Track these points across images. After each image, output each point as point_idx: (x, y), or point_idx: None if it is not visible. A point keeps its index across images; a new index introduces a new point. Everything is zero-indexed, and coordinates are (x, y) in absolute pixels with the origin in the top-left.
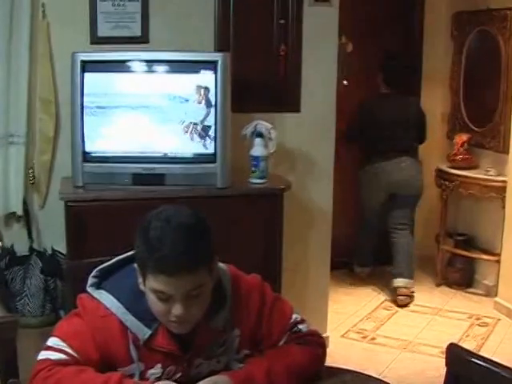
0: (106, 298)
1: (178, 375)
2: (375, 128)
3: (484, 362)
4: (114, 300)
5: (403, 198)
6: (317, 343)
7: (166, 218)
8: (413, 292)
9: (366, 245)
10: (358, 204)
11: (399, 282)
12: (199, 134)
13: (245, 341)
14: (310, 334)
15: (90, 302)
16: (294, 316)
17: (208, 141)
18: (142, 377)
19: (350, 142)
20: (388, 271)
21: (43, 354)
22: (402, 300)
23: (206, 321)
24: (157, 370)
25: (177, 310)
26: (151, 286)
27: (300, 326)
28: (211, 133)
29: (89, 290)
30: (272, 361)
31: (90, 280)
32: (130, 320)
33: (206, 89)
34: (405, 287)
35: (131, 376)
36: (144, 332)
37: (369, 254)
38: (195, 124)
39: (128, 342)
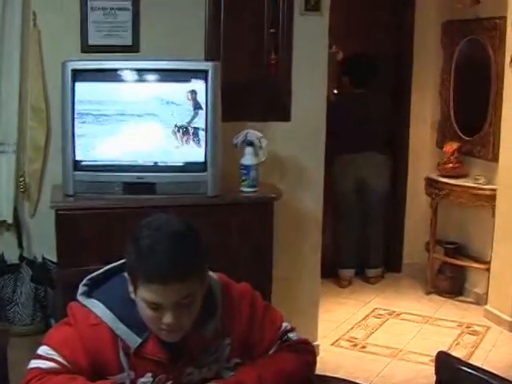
0: (96, 307)
1: (169, 383)
2: (343, 124)
3: (473, 370)
4: (105, 309)
5: (370, 193)
6: (307, 351)
7: (156, 227)
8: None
9: (347, 243)
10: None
11: (371, 272)
12: (190, 141)
13: (235, 349)
14: (300, 342)
15: (81, 311)
16: (284, 324)
17: (199, 149)
18: None
19: None
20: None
21: (34, 363)
22: (373, 282)
23: (196, 329)
24: (147, 378)
25: (167, 318)
26: (142, 295)
27: (290, 335)
28: (202, 140)
29: (79, 298)
30: (263, 368)
31: (81, 289)
32: (120, 328)
33: (194, 92)
34: (375, 276)
35: None
36: (135, 340)
37: (351, 254)
38: (185, 131)
39: (118, 350)
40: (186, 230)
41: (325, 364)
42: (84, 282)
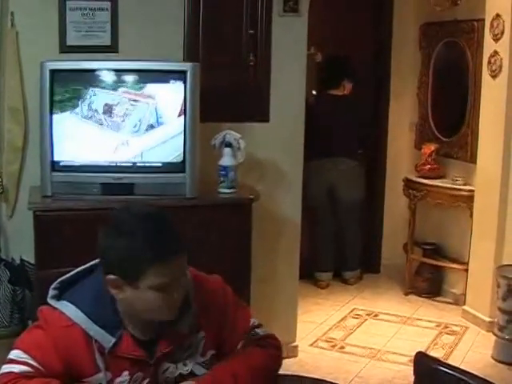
0: (68, 308)
1: (146, 381)
2: (317, 126)
3: (450, 369)
4: (77, 310)
5: (343, 199)
6: (274, 346)
7: (136, 214)
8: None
9: (324, 247)
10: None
11: (349, 274)
12: (169, 142)
13: (210, 342)
14: (267, 337)
15: (52, 313)
16: (252, 320)
17: (177, 150)
18: None
19: None
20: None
21: (6, 368)
22: (351, 282)
23: (171, 325)
24: (124, 377)
25: (175, 294)
26: (150, 282)
27: (257, 330)
28: (180, 141)
29: (50, 301)
30: (236, 365)
31: (51, 292)
32: (93, 329)
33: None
34: (353, 277)
35: None
36: (108, 340)
37: (328, 257)
38: (164, 131)
39: (93, 351)
40: (159, 210)
41: (303, 365)
42: (54, 285)
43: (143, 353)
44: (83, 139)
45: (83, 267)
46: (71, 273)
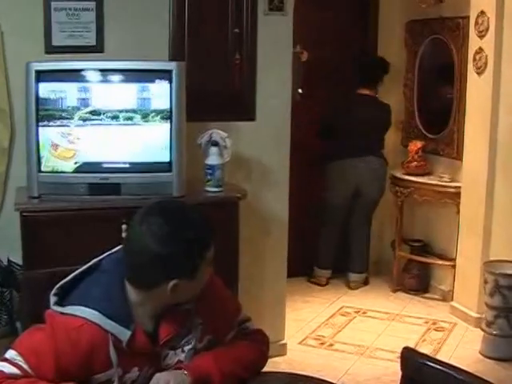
0: (79, 310)
1: (151, 371)
2: (349, 127)
3: (436, 364)
4: (89, 309)
5: (366, 198)
6: (263, 342)
7: (166, 211)
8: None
9: (327, 245)
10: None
11: (354, 276)
12: (155, 141)
13: (206, 328)
14: (257, 332)
15: (60, 318)
16: (243, 313)
17: (164, 149)
18: (120, 382)
19: (323, 140)
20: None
21: None
22: (354, 287)
23: (170, 312)
24: (134, 373)
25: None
26: (204, 268)
27: (247, 324)
28: (167, 140)
29: (55, 309)
30: (224, 356)
31: (53, 298)
32: (109, 324)
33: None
34: (358, 281)
35: (109, 382)
36: (124, 333)
37: (329, 255)
38: (150, 131)
39: (108, 347)
40: (179, 202)
41: (292, 363)
42: (54, 291)
43: (152, 346)
44: (69, 140)
45: (80, 270)
46: (69, 277)
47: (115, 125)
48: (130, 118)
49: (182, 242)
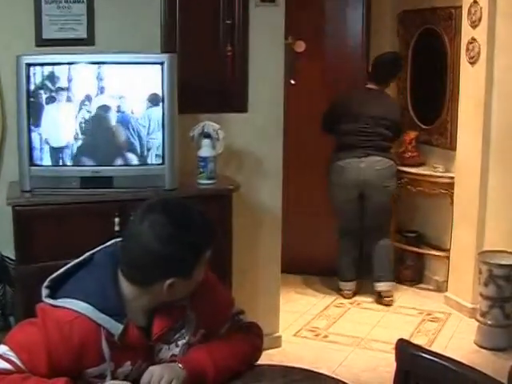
0: (71, 303)
1: (144, 365)
2: (350, 121)
3: (430, 355)
4: (81, 302)
5: (372, 202)
6: (257, 334)
7: (168, 211)
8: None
9: (347, 256)
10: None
11: (381, 286)
12: (147, 134)
13: (200, 322)
14: (251, 325)
15: (53, 311)
16: (236, 306)
17: (155, 141)
18: (112, 376)
19: (325, 132)
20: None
21: None
22: (387, 301)
23: (165, 306)
24: (127, 367)
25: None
26: (201, 267)
27: (241, 317)
28: (159, 133)
29: (47, 301)
30: (218, 348)
31: (44, 291)
32: (101, 318)
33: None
34: (387, 290)
35: (101, 376)
36: (116, 327)
37: (351, 266)
38: (142, 123)
39: (100, 341)
40: (181, 201)
41: (287, 354)
42: (46, 283)
43: (145, 340)
44: (61, 133)
45: (72, 263)
46: (61, 270)
47: (107, 117)
48: (123, 110)
49: (184, 243)
